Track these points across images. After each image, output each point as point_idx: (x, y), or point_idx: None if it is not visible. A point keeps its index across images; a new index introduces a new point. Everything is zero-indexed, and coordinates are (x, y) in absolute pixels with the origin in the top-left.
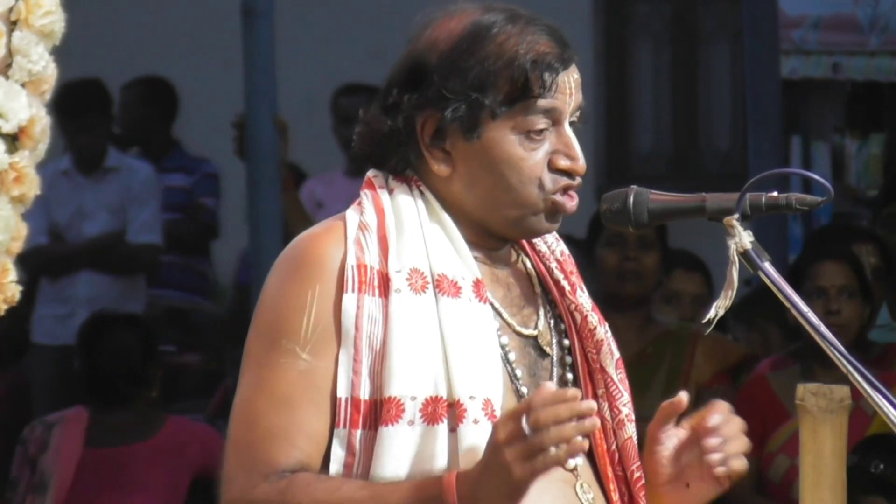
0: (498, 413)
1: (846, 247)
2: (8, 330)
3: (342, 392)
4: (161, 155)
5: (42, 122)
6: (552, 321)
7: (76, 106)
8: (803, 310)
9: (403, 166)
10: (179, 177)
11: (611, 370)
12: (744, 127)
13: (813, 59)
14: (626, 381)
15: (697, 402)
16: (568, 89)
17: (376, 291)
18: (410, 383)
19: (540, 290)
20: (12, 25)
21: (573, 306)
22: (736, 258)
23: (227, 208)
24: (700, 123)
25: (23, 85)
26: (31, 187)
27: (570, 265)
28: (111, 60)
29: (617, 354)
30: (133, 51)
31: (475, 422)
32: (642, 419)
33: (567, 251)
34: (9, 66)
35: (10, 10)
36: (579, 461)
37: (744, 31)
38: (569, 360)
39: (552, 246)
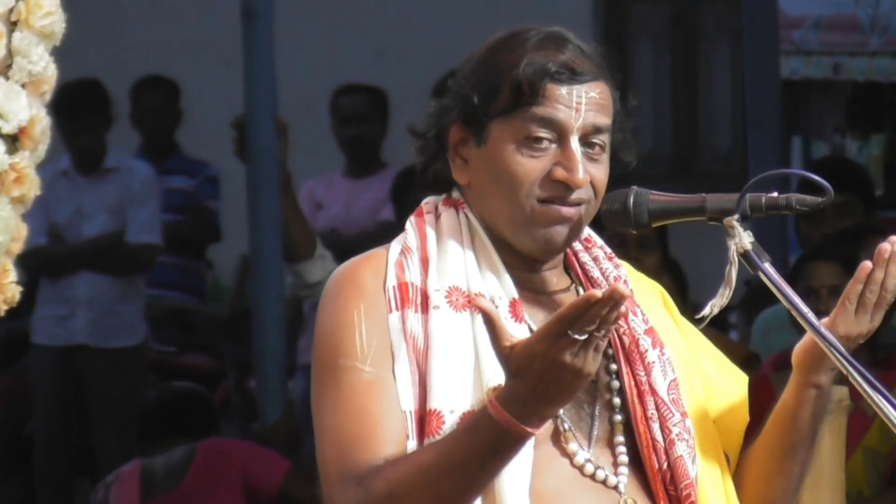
0: None
1: (840, 247)
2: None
3: (406, 405)
4: (163, 156)
5: (42, 123)
6: None
7: (76, 106)
8: (803, 310)
9: (442, 179)
10: (182, 179)
11: (662, 391)
12: (744, 127)
13: (814, 60)
14: (680, 401)
15: None
16: (575, 103)
17: (419, 308)
18: (449, 397)
19: None
20: (12, 26)
21: (622, 330)
22: (736, 258)
23: (226, 209)
24: (700, 123)
25: (23, 85)
26: (32, 188)
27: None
28: (111, 60)
29: (672, 376)
30: (133, 51)
31: None
32: None
33: (626, 276)
34: (9, 66)
35: (11, 10)
36: (623, 479)
37: (744, 31)
38: (616, 384)
39: (607, 272)
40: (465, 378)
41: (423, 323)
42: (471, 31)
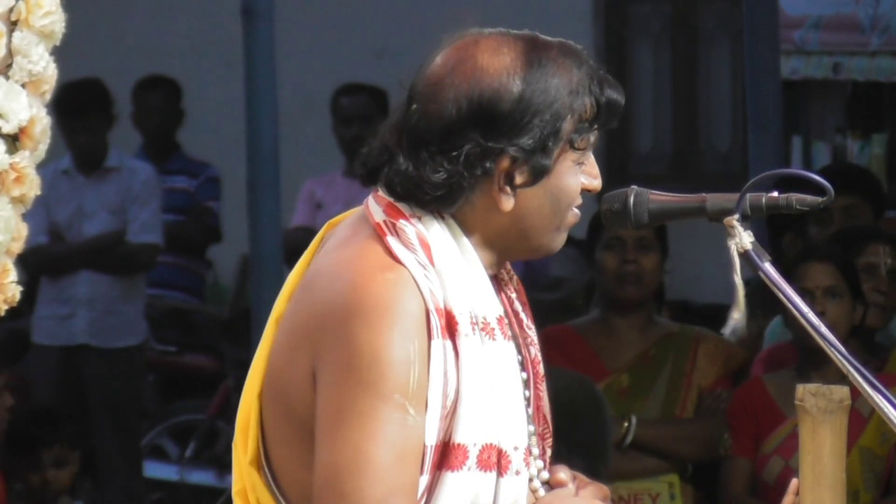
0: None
1: (833, 247)
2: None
3: (430, 440)
4: (164, 156)
5: (42, 123)
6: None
7: (77, 106)
8: (803, 310)
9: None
10: (183, 179)
11: (545, 408)
12: (744, 127)
13: (814, 60)
14: (544, 438)
15: (699, 405)
16: None
17: (446, 334)
18: (476, 430)
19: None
20: (13, 26)
21: (528, 339)
22: (736, 258)
23: (226, 210)
24: (700, 123)
25: (23, 85)
26: (32, 187)
27: (524, 296)
28: (111, 60)
29: (544, 397)
30: (133, 51)
31: (517, 473)
32: (646, 422)
33: (518, 279)
34: (9, 66)
35: (11, 10)
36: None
37: (744, 31)
38: (527, 393)
39: (511, 273)
40: (488, 411)
41: (452, 350)
42: None
